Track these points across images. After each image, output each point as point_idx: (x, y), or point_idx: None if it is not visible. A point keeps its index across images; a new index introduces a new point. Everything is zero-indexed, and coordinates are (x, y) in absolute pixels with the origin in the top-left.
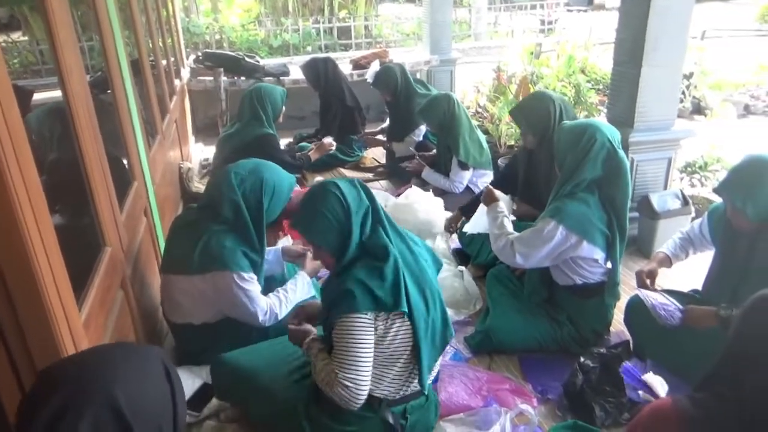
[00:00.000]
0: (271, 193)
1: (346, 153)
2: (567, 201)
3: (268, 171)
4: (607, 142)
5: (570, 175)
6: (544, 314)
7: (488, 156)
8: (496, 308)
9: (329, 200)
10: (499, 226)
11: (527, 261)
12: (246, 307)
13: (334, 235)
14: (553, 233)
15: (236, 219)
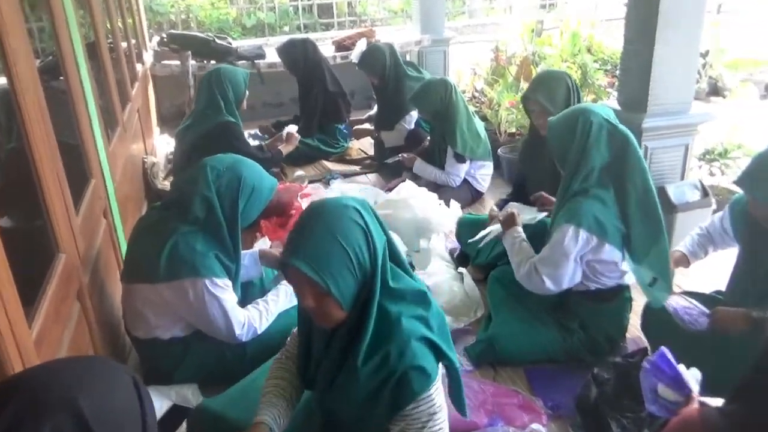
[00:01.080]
0: (248, 194)
1: (330, 144)
2: (581, 200)
3: (247, 169)
4: (603, 122)
5: (576, 168)
6: (553, 320)
7: (487, 146)
8: (498, 315)
9: (350, 230)
10: (518, 251)
11: (558, 283)
12: (220, 319)
13: (352, 281)
14: (574, 240)
15: (208, 219)
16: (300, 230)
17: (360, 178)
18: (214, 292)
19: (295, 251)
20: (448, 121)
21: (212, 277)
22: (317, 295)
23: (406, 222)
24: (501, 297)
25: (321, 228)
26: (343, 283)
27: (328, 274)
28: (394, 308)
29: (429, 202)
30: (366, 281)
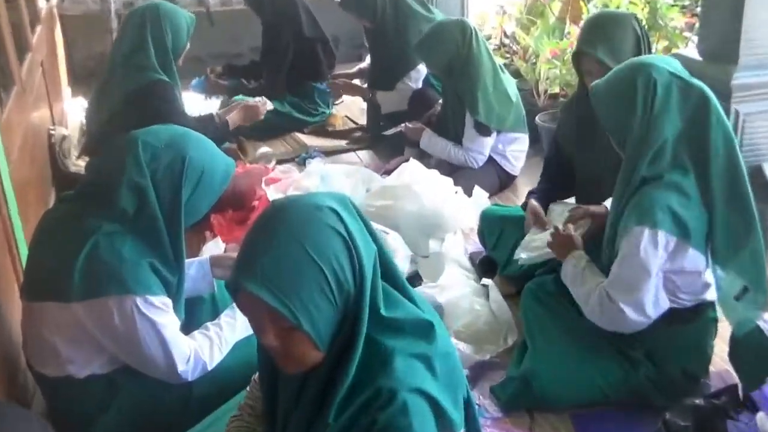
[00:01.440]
0: (196, 181)
1: (306, 109)
2: (652, 191)
3: (195, 147)
4: (672, 78)
5: (640, 147)
6: (611, 349)
7: (520, 112)
8: (537, 342)
9: (325, 239)
10: (583, 280)
11: (642, 310)
12: (157, 350)
13: (329, 310)
14: (652, 247)
15: (139, 214)
16: (255, 241)
17: (347, 156)
18: (149, 315)
19: (249, 270)
20: (467, 77)
21: (145, 293)
22: (282, 330)
23: (409, 217)
24: (540, 318)
25: (285, 237)
26: (317, 312)
27: (296, 301)
28: (388, 342)
29: (441, 189)
30: (349, 309)
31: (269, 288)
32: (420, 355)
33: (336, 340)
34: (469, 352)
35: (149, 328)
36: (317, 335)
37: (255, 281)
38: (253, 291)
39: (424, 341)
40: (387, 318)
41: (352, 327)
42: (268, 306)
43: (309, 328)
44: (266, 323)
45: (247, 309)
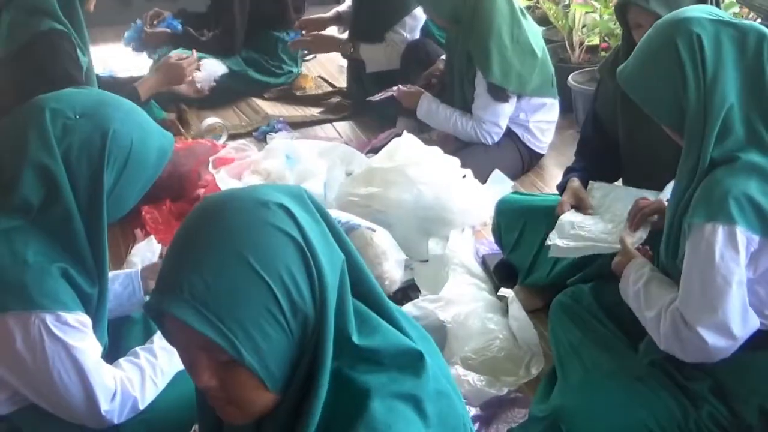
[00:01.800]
0: (122, 161)
1: (266, 68)
2: (726, 178)
3: (120, 117)
4: (717, 26)
5: (700, 124)
6: (666, 381)
7: (548, 71)
8: (569, 372)
9: (273, 247)
10: (647, 297)
11: (728, 332)
12: (73, 384)
13: (281, 338)
14: (730, 248)
15: (47, 206)
16: (181, 250)
17: (321, 129)
18: (61, 336)
19: (174, 289)
20: (478, 26)
21: (56, 309)
22: (220, 366)
23: (403, 209)
24: (573, 340)
25: (220, 245)
26: (264, 342)
27: (234, 326)
28: (363, 380)
29: (445, 172)
30: (308, 337)
31: (199, 311)
32: (405, 395)
33: (294, 378)
34: (481, 385)
35: (62, 354)
36: (265, 371)
37: (181, 303)
38: (179, 315)
39: (410, 376)
40: (361, 348)
41: (314, 358)
42: (199, 334)
43: (254, 361)
44: (199, 358)
45: (175, 339)
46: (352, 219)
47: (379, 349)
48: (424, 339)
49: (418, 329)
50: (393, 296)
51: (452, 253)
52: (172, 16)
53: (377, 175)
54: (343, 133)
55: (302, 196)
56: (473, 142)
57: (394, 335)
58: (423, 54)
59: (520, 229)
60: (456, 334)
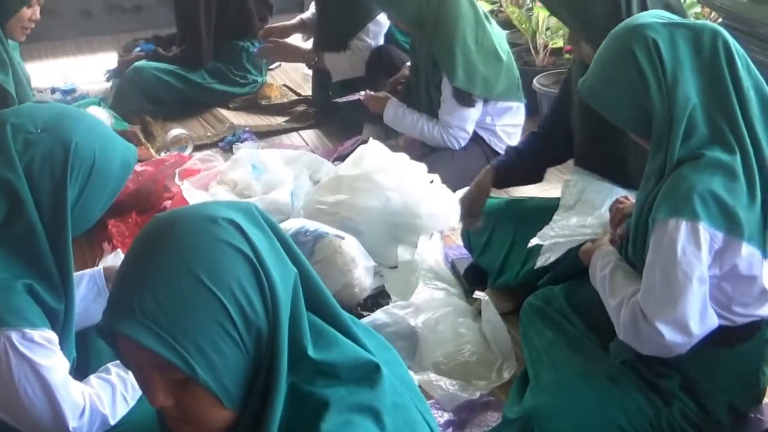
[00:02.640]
0: (86, 174)
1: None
2: (691, 174)
3: (82, 130)
4: (671, 28)
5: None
6: (637, 380)
7: (513, 74)
8: (541, 374)
9: (224, 263)
10: (612, 286)
11: (686, 328)
12: (40, 401)
13: (235, 354)
14: (692, 244)
15: (10, 221)
16: (132, 269)
17: (287, 138)
18: (27, 354)
19: (125, 308)
20: (443, 31)
21: (22, 326)
22: (174, 385)
23: (371, 216)
24: (544, 342)
25: (170, 262)
26: (218, 358)
27: (188, 344)
28: (321, 393)
29: (412, 178)
30: (263, 352)
31: (152, 329)
32: (364, 408)
33: (251, 394)
34: (454, 389)
35: (28, 372)
36: (221, 388)
37: (133, 322)
38: (131, 335)
39: (367, 389)
40: (317, 361)
41: (268, 374)
42: (152, 353)
43: (209, 378)
44: (154, 377)
45: (129, 360)
46: (320, 227)
47: (336, 362)
48: (384, 348)
49: (377, 338)
50: (363, 303)
51: (421, 258)
52: (145, 41)
53: (344, 183)
54: (310, 142)
55: (252, 212)
56: (440, 148)
57: (350, 348)
58: (388, 60)
59: (489, 233)
60: (427, 339)
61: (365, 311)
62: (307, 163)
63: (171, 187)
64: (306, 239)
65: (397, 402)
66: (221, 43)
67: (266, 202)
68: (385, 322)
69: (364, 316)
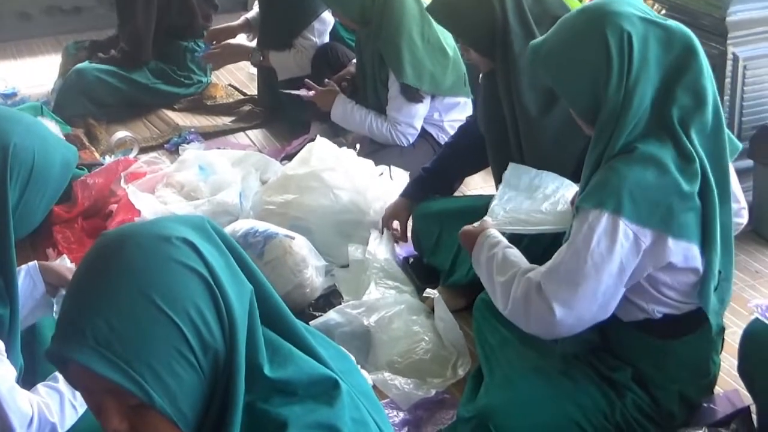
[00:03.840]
0: (26, 176)
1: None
2: (622, 167)
3: (20, 131)
4: (647, 25)
5: (615, 120)
6: (589, 373)
7: (459, 69)
8: (495, 369)
9: (178, 284)
10: (501, 266)
11: (577, 314)
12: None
13: (192, 377)
14: (608, 237)
15: None
16: (83, 292)
17: (234, 138)
18: None
19: (76, 334)
20: (388, 27)
21: None
22: (129, 410)
23: (321, 214)
24: (497, 338)
25: (123, 285)
26: (175, 383)
27: (144, 370)
28: (278, 412)
29: (360, 174)
30: (219, 374)
31: (105, 356)
32: (323, 425)
33: (207, 416)
34: (409, 388)
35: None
36: (177, 413)
37: (84, 348)
38: (83, 362)
39: (325, 406)
40: (273, 379)
41: (225, 395)
42: (106, 380)
43: (165, 403)
44: (107, 402)
45: (80, 385)
46: (270, 228)
47: (292, 379)
48: (341, 358)
49: (333, 348)
50: (315, 303)
51: (372, 257)
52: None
53: (293, 182)
54: (257, 141)
55: (205, 227)
56: (388, 144)
57: (306, 363)
58: (333, 58)
59: (438, 232)
60: (381, 338)
61: (317, 311)
62: (255, 163)
63: (117, 191)
64: (256, 240)
65: (356, 417)
66: (164, 43)
67: (214, 204)
68: (339, 322)
69: (316, 316)
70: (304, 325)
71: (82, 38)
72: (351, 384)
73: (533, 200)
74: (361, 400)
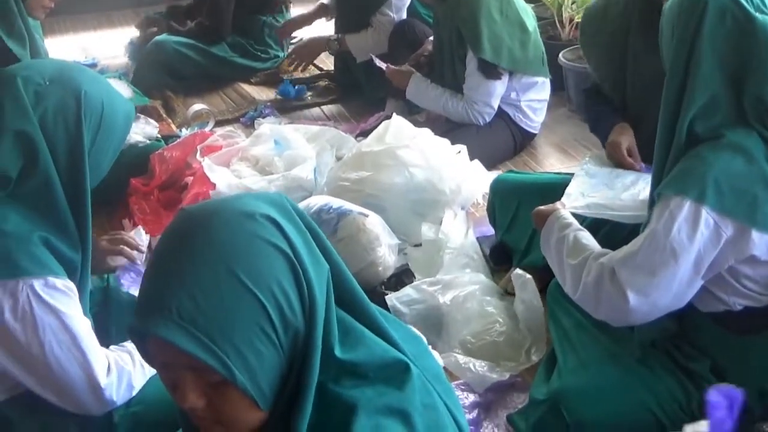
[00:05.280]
0: (96, 123)
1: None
2: (705, 153)
3: (87, 79)
4: (729, 3)
5: (681, 93)
6: (667, 362)
7: (539, 48)
8: (569, 355)
9: (262, 260)
10: (572, 250)
11: (652, 302)
12: (66, 356)
13: (273, 355)
14: (690, 226)
15: (26, 175)
16: (166, 267)
17: (310, 113)
18: (51, 303)
19: (160, 309)
20: (466, 3)
21: (44, 275)
22: (208, 387)
23: (395, 192)
24: (572, 322)
25: (207, 260)
26: (257, 360)
27: (227, 347)
28: (348, 394)
29: (436, 153)
30: (297, 353)
31: (189, 331)
32: (393, 410)
33: (281, 394)
34: (483, 371)
35: (54, 323)
36: (257, 390)
37: (169, 324)
38: (168, 337)
39: (396, 390)
40: (343, 361)
41: (298, 377)
42: (187, 355)
43: (246, 381)
44: (186, 379)
45: (158, 360)
46: (344, 204)
47: (363, 362)
48: (412, 340)
49: (405, 330)
50: (387, 281)
51: (446, 236)
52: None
53: (368, 159)
54: (332, 117)
55: (285, 205)
56: (464, 123)
57: (378, 346)
58: (411, 34)
59: (515, 208)
60: (455, 317)
61: (389, 290)
62: (330, 138)
63: (192, 164)
64: (329, 216)
65: (426, 402)
66: (243, 17)
67: (289, 179)
68: (414, 299)
69: (387, 294)
70: (377, 307)
71: (160, 9)
72: (422, 367)
73: (612, 188)
74: (432, 383)
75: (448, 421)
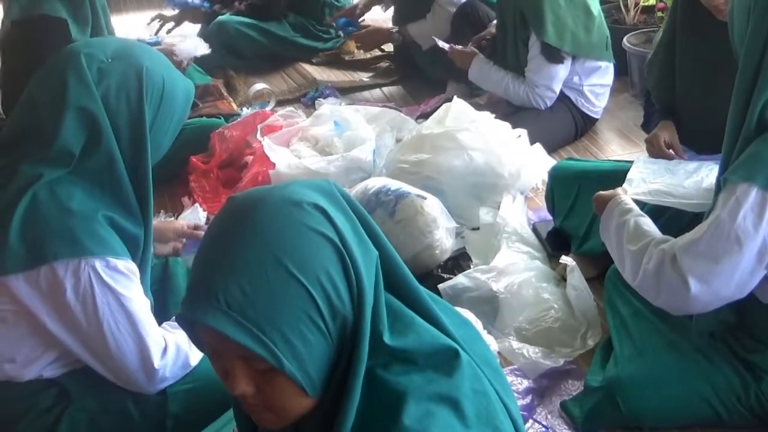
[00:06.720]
0: (158, 99)
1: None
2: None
3: (148, 56)
4: None
5: (753, 76)
6: (726, 353)
7: (603, 32)
8: (625, 342)
9: (311, 249)
10: (632, 236)
11: (714, 290)
12: (124, 337)
13: (321, 344)
14: (756, 213)
15: (90, 152)
16: (214, 255)
17: (370, 94)
18: (111, 284)
19: (208, 297)
20: None
21: (106, 255)
22: (257, 374)
23: (454, 175)
24: (630, 309)
25: (255, 249)
26: (305, 348)
27: (275, 335)
28: (398, 381)
29: (496, 137)
30: (345, 340)
31: (238, 321)
32: (443, 397)
33: (330, 381)
34: (537, 357)
35: (113, 303)
36: (306, 378)
37: (218, 313)
38: (217, 327)
39: (446, 376)
40: (392, 347)
41: (348, 364)
42: (237, 345)
43: (294, 369)
44: (236, 367)
45: (209, 348)
46: (402, 186)
47: (413, 348)
48: (463, 325)
49: (456, 315)
50: (444, 264)
51: (504, 221)
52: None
53: (427, 141)
54: (393, 99)
55: (333, 192)
56: (525, 107)
57: (427, 332)
58: (474, 17)
59: (575, 195)
60: (509, 304)
61: (446, 273)
62: (390, 120)
63: (252, 143)
64: (388, 198)
65: (476, 388)
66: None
67: (348, 160)
68: (467, 287)
69: (445, 278)
70: (427, 292)
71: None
72: (473, 352)
73: (675, 175)
74: (482, 369)
75: (499, 407)
